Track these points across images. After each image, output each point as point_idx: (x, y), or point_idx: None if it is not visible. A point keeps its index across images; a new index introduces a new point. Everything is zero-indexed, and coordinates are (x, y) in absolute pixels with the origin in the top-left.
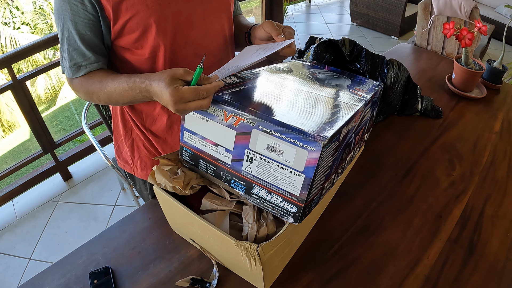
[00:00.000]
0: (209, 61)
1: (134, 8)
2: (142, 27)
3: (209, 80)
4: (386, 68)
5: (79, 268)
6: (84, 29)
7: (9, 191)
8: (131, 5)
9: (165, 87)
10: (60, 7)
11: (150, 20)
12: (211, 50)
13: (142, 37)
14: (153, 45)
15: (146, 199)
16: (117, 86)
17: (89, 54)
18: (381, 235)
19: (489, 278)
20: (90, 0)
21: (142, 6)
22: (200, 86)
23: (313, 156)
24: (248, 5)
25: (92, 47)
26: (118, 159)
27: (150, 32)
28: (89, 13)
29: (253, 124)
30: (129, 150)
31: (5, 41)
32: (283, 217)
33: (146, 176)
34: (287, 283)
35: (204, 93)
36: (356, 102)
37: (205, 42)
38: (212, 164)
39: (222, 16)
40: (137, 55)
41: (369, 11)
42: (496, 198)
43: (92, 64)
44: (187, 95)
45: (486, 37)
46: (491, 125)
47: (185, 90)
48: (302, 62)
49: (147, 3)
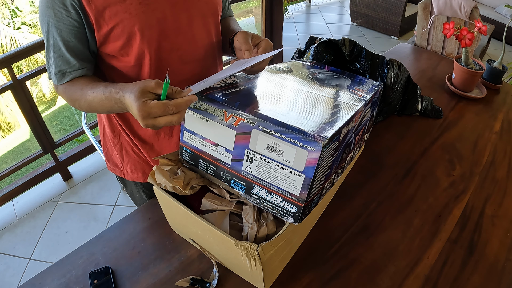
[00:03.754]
0: (195, 67)
1: (118, 17)
2: (127, 35)
3: (181, 94)
4: (386, 68)
5: (79, 268)
6: (68, 35)
7: (9, 191)
8: (114, 13)
9: (134, 101)
10: (44, 14)
11: (134, 28)
12: (197, 56)
13: (127, 45)
14: (138, 53)
15: (137, 202)
16: (95, 95)
17: (73, 61)
18: (381, 235)
19: (489, 278)
20: (74, 7)
21: (125, 14)
22: (170, 101)
23: (313, 156)
24: (248, 5)
25: (77, 53)
26: (108, 162)
27: (135, 40)
28: (73, 20)
29: (253, 124)
30: (118, 154)
31: (5, 41)
32: (283, 217)
33: (137, 178)
34: (287, 283)
35: (173, 109)
36: (356, 102)
37: (191, 48)
38: (212, 164)
39: (209, 21)
40: (123, 62)
41: (369, 11)
42: (496, 198)
43: (76, 70)
44: (155, 110)
45: (486, 37)
46: (491, 125)
47: (153, 105)
48: (302, 62)
49: (130, 11)
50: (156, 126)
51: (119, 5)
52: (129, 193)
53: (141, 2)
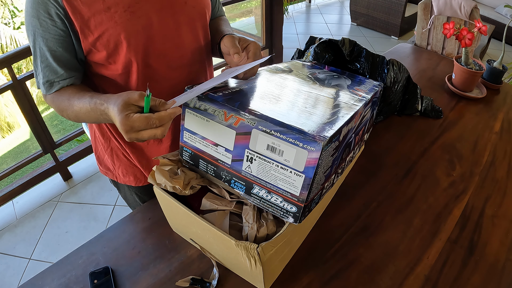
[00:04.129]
0: (183, 72)
1: (103, 25)
2: (113, 43)
3: (165, 106)
4: (386, 68)
5: (79, 268)
6: (55, 45)
7: (9, 191)
8: (100, 22)
9: (117, 114)
10: (30, 23)
11: (120, 36)
12: (185, 61)
13: (114, 53)
14: (125, 61)
15: (131, 204)
16: (81, 106)
17: (61, 71)
18: (381, 235)
19: (489, 278)
20: (59, 16)
21: (110, 23)
22: (153, 115)
23: (313, 156)
24: (248, 5)
25: (64, 63)
26: (100, 166)
27: (122, 48)
28: (59, 29)
29: (253, 124)
30: (109, 158)
31: (5, 41)
32: (283, 217)
33: (129, 182)
34: (287, 283)
35: (156, 122)
36: (356, 102)
37: (178, 53)
38: (212, 164)
39: (197, 25)
40: (111, 70)
41: (369, 11)
42: (496, 198)
43: (64, 80)
44: (137, 124)
45: (486, 37)
46: (491, 125)
47: (135, 118)
48: (302, 62)
49: (115, 20)
50: (140, 140)
51: (104, 13)
52: (122, 196)
53: (126, 10)
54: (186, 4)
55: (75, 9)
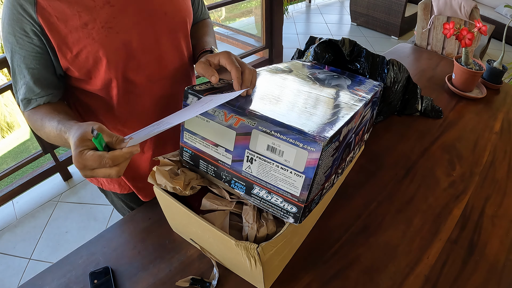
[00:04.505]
0: (165, 85)
1: (81, 43)
2: (92, 60)
3: (121, 144)
4: (386, 68)
5: (79, 268)
6: (32, 62)
7: (9, 191)
8: (77, 39)
9: (73, 148)
10: (7, 40)
11: (98, 53)
12: (166, 74)
13: (93, 70)
14: (104, 77)
15: (119, 210)
16: (50, 129)
17: (38, 89)
18: (381, 235)
19: (489, 278)
20: (36, 33)
21: (88, 40)
22: (107, 154)
23: (313, 156)
24: (248, 5)
25: (41, 81)
26: None
27: (101, 64)
28: (36, 46)
29: (253, 124)
30: None
31: None
32: (283, 217)
33: (114, 189)
34: (287, 283)
35: (109, 162)
36: (356, 102)
37: (159, 66)
38: (212, 164)
39: (178, 36)
40: (91, 85)
41: (369, 11)
42: (496, 198)
43: (41, 97)
44: (90, 163)
45: (486, 37)
46: (491, 125)
47: (88, 157)
48: (302, 62)
49: (93, 36)
50: (95, 177)
51: (81, 31)
52: (110, 201)
53: (103, 26)
54: (166, 15)
55: (51, 26)
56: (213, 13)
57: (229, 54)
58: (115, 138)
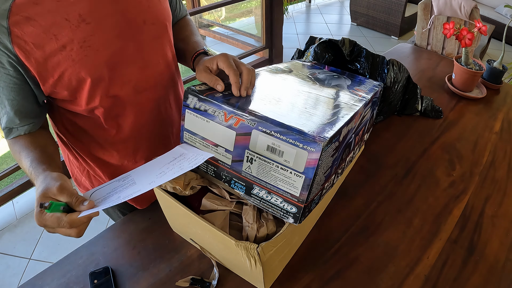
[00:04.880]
0: (152, 93)
1: (61, 66)
2: (75, 82)
3: (80, 207)
4: (386, 68)
5: (79, 268)
6: (11, 94)
7: (9, 191)
8: (57, 63)
9: (35, 204)
10: None
11: (81, 74)
12: (152, 82)
13: (78, 90)
14: (89, 96)
15: (114, 219)
16: (25, 167)
17: (18, 120)
18: (381, 235)
19: (489, 278)
20: (12, 64)
21: (68, 62)
22: (65, 217)
23: (313, 157)
24: (248, 5)
25: (22, 111)
26: (79, 187)
27: (85, 84)
28: (13, 77)
29: (253, 124)
30: (87, 180)
31: None
32: (283, 217)
33: None
34: (287, 283)
35: (66, 225)
36: (356, 102)
37: (144, 76)
38: (212, 164)
39: (160, 42)
40: (77, 105)
41: (369, 11)
42: (496, 198)
43: (23, 127)
44: (49, 223)
45: (486, 37)
46: (491, 125)
47: (47, 217)
48: (302, 62)
49: (73, 58)
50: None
51: (60, 53)
52: (105, 211)
53: (82, 46)
54: (145, 23)
55: (28, 54)
56: (213, 13)
57: (226, 57)
58: (74, 199)
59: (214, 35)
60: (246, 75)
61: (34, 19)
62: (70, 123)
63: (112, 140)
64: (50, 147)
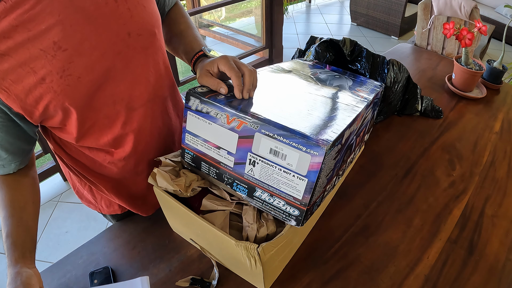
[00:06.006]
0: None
1: (44, 99)
2: (61, 112)
3: None
4: (386, 68)
5: (79, 268)
6: None
7: None
8: (39, 96)
9: None
10: None
11: (65, 104)
12: (147, 96)
13: (65, 118)
14: (78, 122)
15: None
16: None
17: (4, 154)
18: (381, 235)
19: (489, 278)
20: None
21: (50, 93)
22: None
23: (316, 160)
24: (248, 5)
25: (7, 147)
26: (81, 199)
27: (71, 113)
28: None
29: (256, 127)
30: (89, 193)
31: None
32: (286, 220)
33: (114, 211)
34: (287, 283)
35: None
36: (358, 104)
37: (137, 92)
38: (214, 166)
39: (151, 52)
40: (68, 133)
41: (369, 11)
42: (496, 198)
43: (9, 164)
44: None
45: (486, 37)
46: (491, 125)
47: None
48: (304, 61)
49: (54, 89)
50: None
51: (40, 86)
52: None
53: (61, 76)
54: (130, 35)
55: (8, 92)
56: (213, 13)
57: (227, 59)
58: None
59: (214, 35)
60: (248, 77)
61: (8, 55)
62: (66, 146)
63: (111, 159)
64: (29, 207)
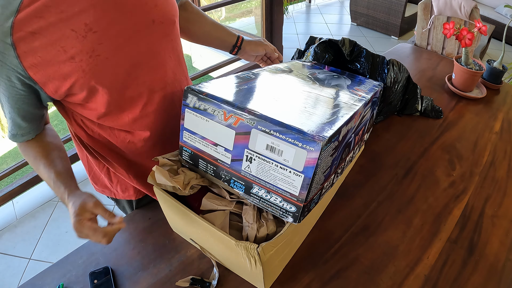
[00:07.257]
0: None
1: (72, 76)
2: (87, 90)
3: (112, 219)
4: (386, 68)
5: (79, 268)
6: (17, 103)
7: (9, 191)
8: (68, 74)
9: (72, 215)
10: None
11: (91, 83)
12: (167, 79)
13: (90, 96)
14: (103, 101)
15: None
16: (47, 176)
17: (24, 124)
18: (381, 235)
19: (489, 278)
20: (20, 79)
21: (79, 72)
22: (100, 229)
23: (312, 156)
24: (248, 5)
25: (28, 117)
26: (95, 185)
27: (97, 92)
28: (19, 90)
29: (253, 124)
30: (106, 177)
31: None
32: (283, 216)
33: (129, 196)
34: (287, 283)
35: (101, 234)
36: (355, 102)
37: (158, 75)
38: (211, 164)
39: (171, 38)
40: (90, 109)
41: (369, 11)
42: (496, 198)
43: (28, 133)
44: (86, 231)
45: (486, 37)
46: (491, 125)
47: (86, 226)
48: (302, 62)
49: (83, 68)
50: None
51: (69, 64)
52: (121, 208)
53: (91, 56)
54: (154, 23)
55: (37, 68)
56: (213, 13)
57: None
58: (107, 213)
59: None
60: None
61: (40, 33)
62: (88, 126)
63: (131, 139)
64: (63, 153)
